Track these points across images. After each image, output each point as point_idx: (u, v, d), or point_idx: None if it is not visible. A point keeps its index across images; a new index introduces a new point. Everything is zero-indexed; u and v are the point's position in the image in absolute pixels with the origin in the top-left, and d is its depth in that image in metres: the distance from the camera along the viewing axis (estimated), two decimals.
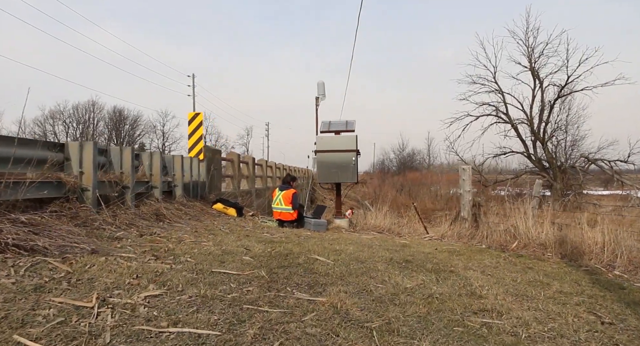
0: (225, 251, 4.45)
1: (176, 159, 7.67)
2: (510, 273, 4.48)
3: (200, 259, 3.91)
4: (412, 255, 5.20)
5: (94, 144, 4.79)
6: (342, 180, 9.38)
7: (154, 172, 6.70)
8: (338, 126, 9.56)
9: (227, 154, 12.22)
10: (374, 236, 8.50)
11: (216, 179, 9.65)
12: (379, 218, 9.87)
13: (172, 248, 4.24)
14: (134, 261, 3.51)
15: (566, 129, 33.30)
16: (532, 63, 30.36)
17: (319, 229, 8.47)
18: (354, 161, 9.14)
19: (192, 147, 9.05)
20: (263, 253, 4.52)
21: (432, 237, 9.24)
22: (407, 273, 4.03)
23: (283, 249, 4.91)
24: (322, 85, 9.62)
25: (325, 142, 9.24)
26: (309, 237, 6.68)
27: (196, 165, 8.66)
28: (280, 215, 8.59)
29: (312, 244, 5.62)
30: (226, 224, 7.22)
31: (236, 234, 6.05)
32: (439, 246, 7.09)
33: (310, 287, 3.28)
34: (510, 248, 6.92)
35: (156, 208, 6.03)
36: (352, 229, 9.42)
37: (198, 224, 6.53)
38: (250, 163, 13.78)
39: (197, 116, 9.03)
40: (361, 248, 5.54)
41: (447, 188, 37.77)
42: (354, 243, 6.29)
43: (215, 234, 5.75)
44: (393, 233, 9.47)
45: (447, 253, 5.83)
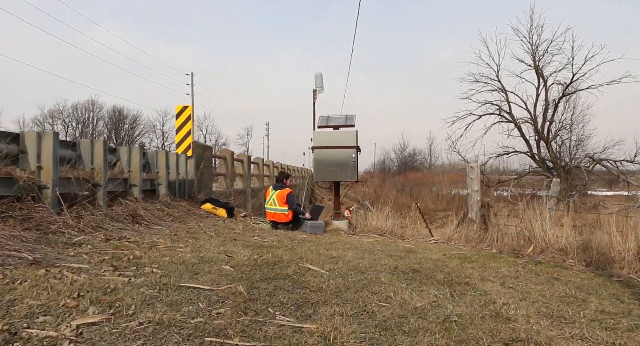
0: (203, 258, 3.82)
1: (160, 155, 7.04)
2: (534, 285, 3.85)
3: (170, 269, 3.28)
4: (420, 263, 4.57)
5: (54, 135, 4.16)
6: (341, 179, 8.74)
7: (133, 168, 6.07)
8: (337, 120, 8.92)
9: (220, 151, 11.59)
10: (375, 239, 7.87)
11: (206, 178, 9.02)
12: (381, 220, 9.23)
13: (139, 255, 3.60)
14: (84, 273, 2.88)
15: (571, 129, 32.63)
16: (536, 61, 29.73)
17: (316, 232, 7.84)
18: (354, 158, 8.51)
19: (180, 143, 8.41)
20: (247, 261, 3.89)
21: (437, 240, 8.61)
22: (415, 287, 3.40)
23: (272, 256, 4.28)
24: (319, 77, 9.00)
25: (323, 138, 8.61)
26: (304, 241, 6.05)
27: (184, 162, 8.03)
28: (273, 216, 7.96)
29: (305, 249, 4.99)
30: (213, 226, 6.59)
31: (222, 237, 5.42)
32: (446, 250, 6.46)
33: (298, 307, 2.65)
34: (525, 254, 6.29)
35: (133, 208, 5.41)
36: (351, 232, 8.79)
37: (180, 226, 5.90)
38: (246, 161, 13.15)
39: (185, 109, 8.40)
40: (361, 254, 4.91)
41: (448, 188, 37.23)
42: (353, 247, 5.66)
43: (198, 238, 5.12)
44: (395, 236, 8.84)
45: (457, 259, 5.20)
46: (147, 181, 6.83)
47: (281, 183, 8.19)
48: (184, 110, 8.43)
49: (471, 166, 8.96)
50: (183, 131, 8.43)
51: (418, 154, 58.18)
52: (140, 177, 6.10)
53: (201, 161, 8.71)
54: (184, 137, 8.43)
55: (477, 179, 8.82)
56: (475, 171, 8.85)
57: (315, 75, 9.00)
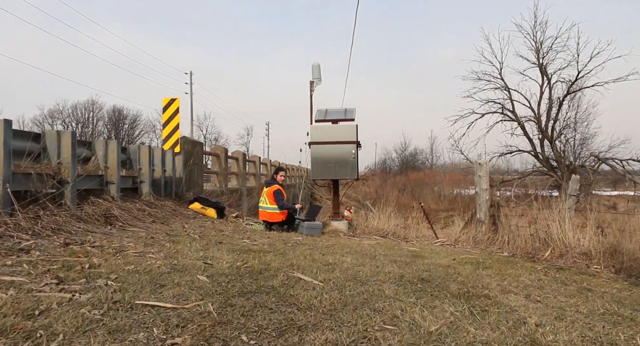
0: (175, 266, 3.25)
1: (143, 151, 6.47)
2: (565, 298, 3.27)
3: (130, 281, 2.71)
4: (428, 270, 3.99)
5: (5, 123, 3.59)
6: (340, 176, 8.17)
7: (110, 164, 5.50)
8: (336, 114, 8.35)
9: (213, 148, 11.02)
10: (377, 241, 7.30)
11: (196, 175, 8.45)
12: (382, 220, 8.66)
13: (97, 263, 3.03)
14: (14, 289, 2.31)
15: (575, 127, 32.01)
16: (540, 59, 29.13)
17: (313, 234, 7.26)
18: (354, 155, 7.93)
19: (167, 138, 7.84)
20: (228, 270, 3.31)
21: (443, 242, 8.03)
22: (426, 301, 2.83)
23: (258, 262, 3.71)
24: (317, 67, 8.43)
25: (321, 132, 8.03)
26: (299, 244, 5.48)
27: (170, 158, 7.46)
28: (266, 216, 7.39)
29: (298, 254, 4.42)
30: (200, 227, 6.02)
31: (205, 240, 4.85)
32: (455, 254, 5.88)
33: (280, 334, 2.07)
34: (542, 258, 5.71)
35: (106, 208, 4.84)
36: (351, 233, 8.22)
37: (162, 228, 5.33)
38: (241, 159, 12.57)
39: (172, 102, 7.83)
40: (362, 260, 4.33)
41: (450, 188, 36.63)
42: (353, 251, 5.09)
43: (178, 241, 4.54)
44: (398, 238, 8.27)
45: (469, 265, 4.63)
46: (127, 179, 6.26)
47: (272, 180, 7.63)
48: (172, 103, 7.86)
49: (479, 163, 8.38)
50: (170, 125, 7.86)
51: (419, 154, 57.55)
52: (118, 173, 5.53)
53: (190, 157, 8.15)
54: (171, 132, 7.85)
55: (485, 177, 8.25)
56: (483, 168, 8.27)
57: (313, 65, 8.44)
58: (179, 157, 7.85)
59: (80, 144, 4.92)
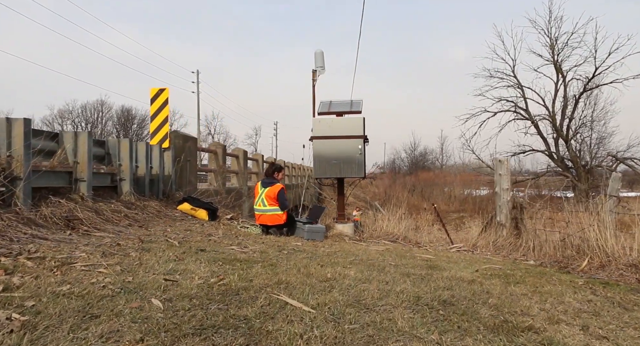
0: (128, 286, 2.53)
1: (123, 145, 5.77)
2: (635, 330, 2.49)
3: (51, 311, 1.99)
4: (450, 288, 3.23)
5: None
6: (346, 175, 7.40)
7: (81, 159, 4.81)
8: (340, 106, 7.60)
9: (210, 145, 10.32)
10: (386, 246, 6.53)
11: (188, 173, 7.74)
12: (392, 223, 7.89)
13: (18, 284, 2.32)
14: None
15: (592, 126, 30.90)
16: (555, 55, 28.12)
17: (315, 238, 6.52)
18: (361, 150, 7.17)
19: (155, 132, 7.14)
20: (196, 290, 2.59)
21: (460, 248, 7.25)
22: (454, 340, 2.07)
23: (238, 278, 2.97)
24: (320, 55, 7.69)
25: (324, 126, 7.28)
26: (296, 251, 4.75)
27: (157, 154, 6.76)
28: (265, 219, 6.66)
29: (292, 266, 3.68)
30: (185, 231, 5.31)
31: (185, 247, 4.12)
32: (475, 263, 5.11)
33: None
34: (578, 269, 4.91)
35: (69, 209, 4.13)
36: (357, 237, 7.46)
37: (137, 232, 4.62)
38: (241, 157, 11.87)
39: (161, 93, 7.13)
40: (368, 274, 3.58)
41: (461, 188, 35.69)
42: (358, 261, 4.34)
43: (149, 249, 3.82)
44: (410, 242, 7.50)
45: (497, 279, 3.86)
46: (105, 176, 5.57)
47: (271, 178, 6.89)
48: (160, 93, 7.16)
49: (499, 160, 7.58)
50: (159, 119, 7.16)
51: (429, 154, 56.52)
52: (89, 170, 4.83)
53: (181, 153, 7.44)
54: (159, 125, 7.15)
55: (506, 176, 7.45)
56: (504, 165, 7.47)
57: (316, 53, 7.69)
58: (168, 153, 7.14)
59: (36, 134, 4.22)
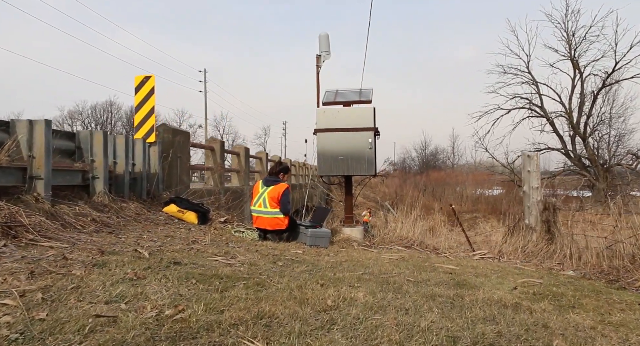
0: (33, 329, 1.73)
1: (96, 138, 4.99)
2: None
3: None
4: (492, 319, 2.39)
5: None
6: (354, 172, 6.57)
7: (37, 153, 4.04)
8: (348, 95, 6.77)
9: (207, 141, 9.55)
10: (400, 254, 5.70)
11: (179, 171, 6.96)
12: (406, 226, 7.05)
13: None
14: None
15: (610, 123, 29.72)
16: (572, 50, 27.00)
17: (319, 244, 5.71)
18: (371, 145, 6.34)
19: (140, 125, 6.37)
20: (137, 332, 1.78)
21: (484, 255, 6.38)
22: None
23: (204, 310, 2.17)
24: (325, 38, 6.88)
25: (330, 117, 6.46)
26: (294, 262, 3.94)
27: (141, 149, 5.98)
28: (265, 222, 5.85)
29: (284, 285, 2.87)
30: (165, 238, 4.52)
31: (154, 260, 3.32)
32: (509, 275, 4.27)
33: None
34: (637, 284, 4.04)
35: (10, 212, 3.35)
36: (367, 242, 6.63)
37: (103, 240, 3.83)
38: (242, 154, 11.08)
39: (147, 80, 6.35)
40: (381, 297, 2.76)
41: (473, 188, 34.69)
42: (368, 275, 3.52)
43: (104, 263, 3.02)
44: (426, 248, 6.65)
45: (546, 302, 3.02)
46: (74, 173, 4.80)
47: (275, 177, 6.08)
48: (146, 81, 6.38)
49: (528, 155, 6.70)
50: (144, 109, 6.39)
51: (440, 153, 55.41)
52: (47, 165, 4.05)
53: (170, 149, 6.66)
54: (145, 117, 6.38)
55: (536, 173, 6.57)
56: (533, 162, 6.59)
57: (320, 36, 6.88)
58: (155, 148, 6.36)
59: None
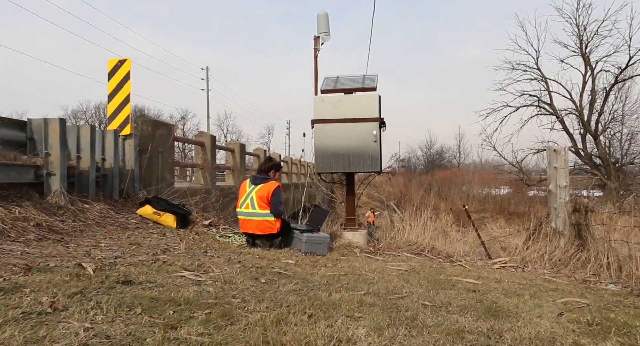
0: None
1: (52, 128, 4.22)
2: None
3: None
4: None
5: None
6: (356, 169, 5.78)
7: None
8: (350, 82, 5.99)
9: (197, 136, 8.78)
10: (410, 263, 4.91)
11: (160, 168, 6.19)
12: (415, 230, 6.25)
13: None
14: None
15: (622, 121, 28.78)
16: (583, 45, 26.09)
17: (315, 251, 4.94)
18: (376, 137, 5.56)
19: (114, 115, 5.61)
20: None
21: (505, 263, 5.58)
22: None
23: None
24: (324, 18, 6.11)
25: (329, 106, 5.68)
26: (280, 277, 3.16)
27: (112, 142, 5.22)
28: (253, 226, 5.08)
29: (257, 319, 2.08)
30: (130, 246, 3.75)
31: (94, 281, 2.55)
32: (544, 292, 3.48)
33: None
34: None
35: None
36: (371, 248, 5.85)
37: (40, 252, 3.07)
38: (238, 151, 10.30)
39: (122, 64, 5.59)
40: (391, 333, 1.98)
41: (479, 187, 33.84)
42: (371, 297, 2.74)
43: (16, 287, 2.25)
44: (439, 255, 5.85)
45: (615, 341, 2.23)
46: (23, 169, 4.04)
47: (264, 175, 5.31)
48: (121, 65, 5.61)
49: (554, 149, 5.88)
50: (118, 97, 5.63)
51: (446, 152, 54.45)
52: None
53: (149, 143, 5.90)
54: (119, 106, 5.62)
55: (564, 170, 5.76)
56: (561, 157, 5.78)
57: (319, 15, 6.09)
58: (130, 141, 5.60)
59: None
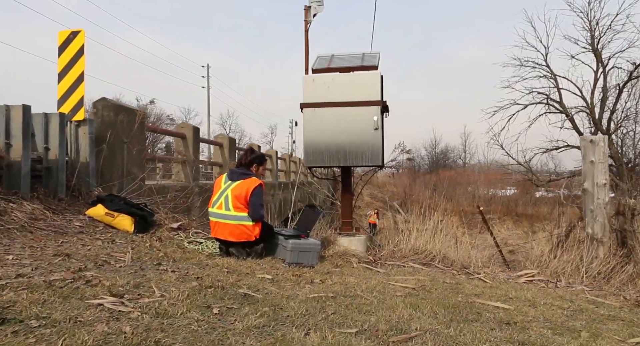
0: None
1: None
2: None
3: None
4: None
5: None
6: (353, 162, 4.84)
7: None
8: (347, 60, 5.06)
9: (178, 127, 7.88)
10: (418, 277, 3.97)
11: (126, 161, 5.28)
12: (424, 236, 5.32)
13: None
14: None
15: (636, 119, 27.73)
16: (595, 40, 25.07)
17: (302, 261, 4.03)
18: (377, 124, 4.62)
19: (66, 98, 4.70)
20: None
21: (532, 277, 4.63)
22: None
23: None
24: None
25: (321, 87, 4.75)
26: (243, 306, 2.23)
27: (57, 128, 4.31)
28: (221, 230, 4.16)
29: None
30: (53, 257, 2.85)
31: None
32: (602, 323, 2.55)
33: None
34: None
35: None
36: (371, 257, 4.92)
37: None
38: (227, 146, 9.39)
39: (74, 37, 4.68)
40: None
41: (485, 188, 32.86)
42: (367, 341, 1.82)
43: None
44: (453, 266, 4.91)
45: None
46: None
47: (245, 169, 4.38)
48: (73, 38, 4.71)
49: (591, 140, 4.93)
50: (71, 76, 4.72)
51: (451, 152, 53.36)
52: None
53: (109, 131, 4.99)
54: (72, 86, 4.71)
55: (603, 164, 4.82)
56: (599, 148, 4.83)
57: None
58: (85, 129, 4.71)
59: None
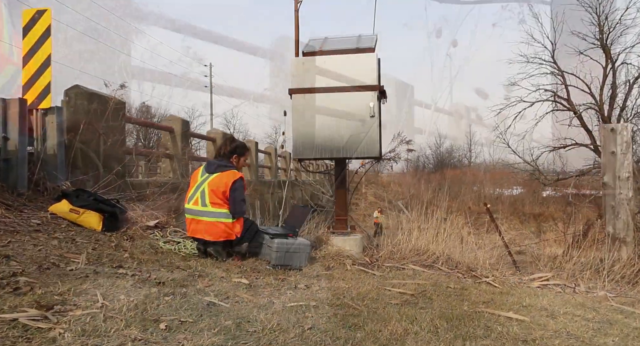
0: None
1: None
2: None
3: None
4: None
5: None
6: (347, 154, 4.38)
7: None
8: (341, 43, 4.60)
9: (165, 120, 7.47)
10: (418, 281, 3.51)
11: (102, 154, 4.86)
12: (426, 235, 4.85)
13: None
14: None
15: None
16: (604, 36, 24.50)
17: (290, 263, 3.59)
18: (374, 112, 4.16)
19: (30, 84, 4.28)
20: None
21: (547, 281, 4.16)
22: None
23: None
24: None
25: (312, 71, 4.29)
26: (205, 316, 1.78)
27: (17, 116, 3.89)
28: (198, 228, 3.72)
29: None
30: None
31: None
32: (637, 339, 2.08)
33: None
34: None
35: None
36: (367, 259, 4.46)
37: None
38: (220, 140, 8.98)
39: (40, 17, 4.25)
40: None
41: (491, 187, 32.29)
42: None
43: None
44: (457, 268, 4.45)
45: None
46: None
47: (224, 161, 3.94)
48: (39, 18, 4.27)
49: (612, 128, 4.45)
50: (36, 60, 4.28)
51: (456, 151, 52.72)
52: None
53: (81, 120, 4.56)
54: (38, 71, 4.29)
55: (626, 155, 4.34)
56: (622, 137, 4.35)
57: None
58: (52, 117, 4.28)
59: None
